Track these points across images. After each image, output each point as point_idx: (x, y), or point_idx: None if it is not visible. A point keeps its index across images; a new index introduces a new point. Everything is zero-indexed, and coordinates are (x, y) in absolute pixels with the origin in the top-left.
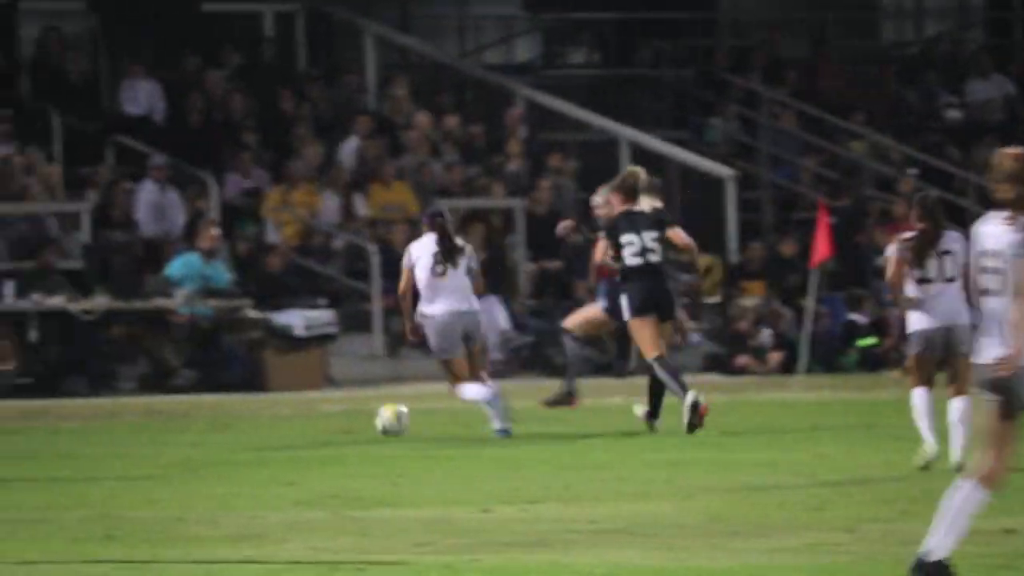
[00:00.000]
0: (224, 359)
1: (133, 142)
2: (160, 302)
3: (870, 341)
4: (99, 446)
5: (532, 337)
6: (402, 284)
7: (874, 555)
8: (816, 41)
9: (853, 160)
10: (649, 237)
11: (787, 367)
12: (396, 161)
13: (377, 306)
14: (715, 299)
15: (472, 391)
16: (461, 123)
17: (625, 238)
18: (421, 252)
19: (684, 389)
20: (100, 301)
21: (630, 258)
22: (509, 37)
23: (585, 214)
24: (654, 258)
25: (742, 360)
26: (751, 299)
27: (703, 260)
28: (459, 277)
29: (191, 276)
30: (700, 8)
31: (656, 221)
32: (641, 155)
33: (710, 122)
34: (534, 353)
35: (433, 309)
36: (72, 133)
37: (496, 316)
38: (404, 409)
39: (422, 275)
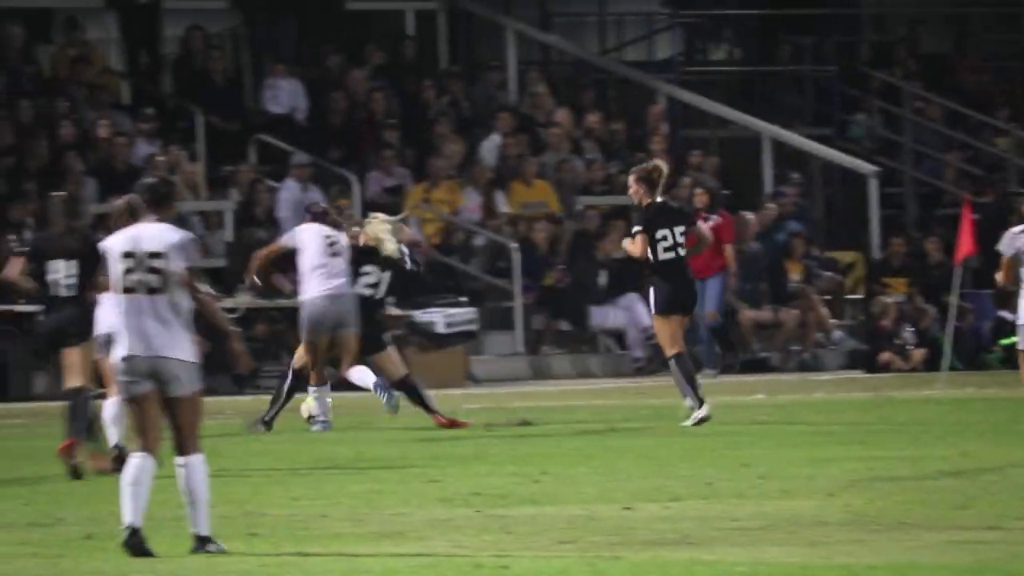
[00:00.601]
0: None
1: (275, 141)
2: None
3: (1013, 339)
4: (242, 443)
5: None
6: (270, 249)
7: (1019, 553)
8: (959, 36)
9: (997, 156)
10: (679, 231)
11: (931, 364)
12: (537, 158)
13: (518, 303)
14: (858, 296)
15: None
16: (602, 120)
17: (660, 232)
18: (312, 240)
19: (696, 394)
20: (243, 299)
21: (663, 253)
22: (650, 34)
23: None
24: (682, 252)
25: (885, 357)
26: (894, 296)
27: (847, 256)
28: (342, 265)
29: None
30: (842, 4)
31: (684, 215)
32: (783, 151)
33: (853, 118)
34: None
35: (314, 292)
36: (215, 132)
37: (638, 314)
38: (329, 400)
39: (313, 260)
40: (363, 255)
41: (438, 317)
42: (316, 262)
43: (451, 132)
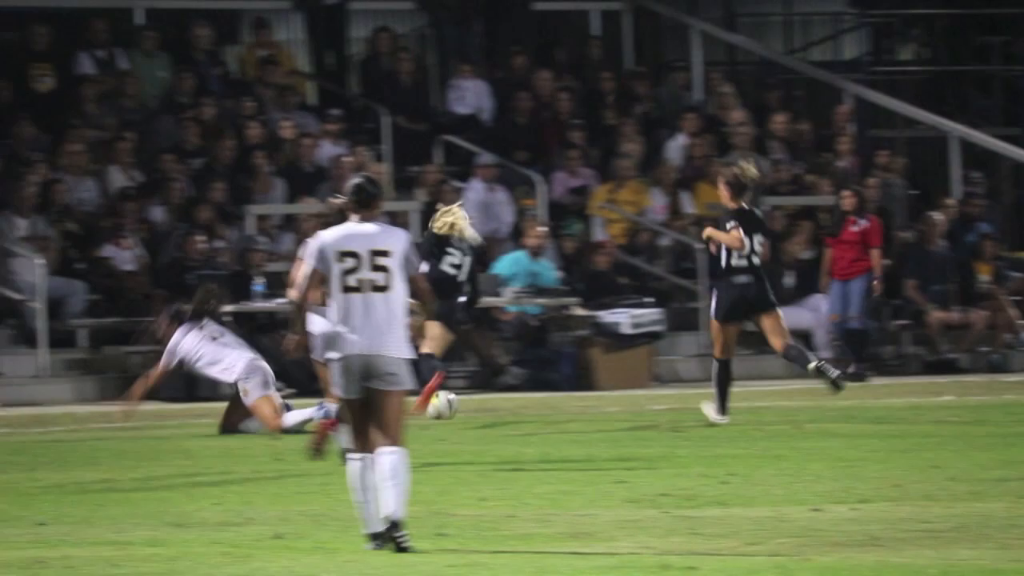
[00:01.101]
0: (552, 357)
1: (461, 141)
2: (489, 300)
3: None
4: (429, 443)
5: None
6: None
7: None
8: None
9: None
10: (757, 240)
11: None
12: (722, 159)
13: (704, 304)
14: None
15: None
16: (788, 121)
17: None
18: None
19: (723, 404)
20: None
21: (737, 258)
22: (837, 34)
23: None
24: (756, 260)
25: None
26: None
27: None
28: None
29: (519, 274)
30: None
31: (762, 224)
32: (971, 152)
33: None
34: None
35: None
36: (401, 132)
37: (825, 315)
38: (452, 396)
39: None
40: (443, 240)
41: (624, 318)
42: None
43: (635, 132)
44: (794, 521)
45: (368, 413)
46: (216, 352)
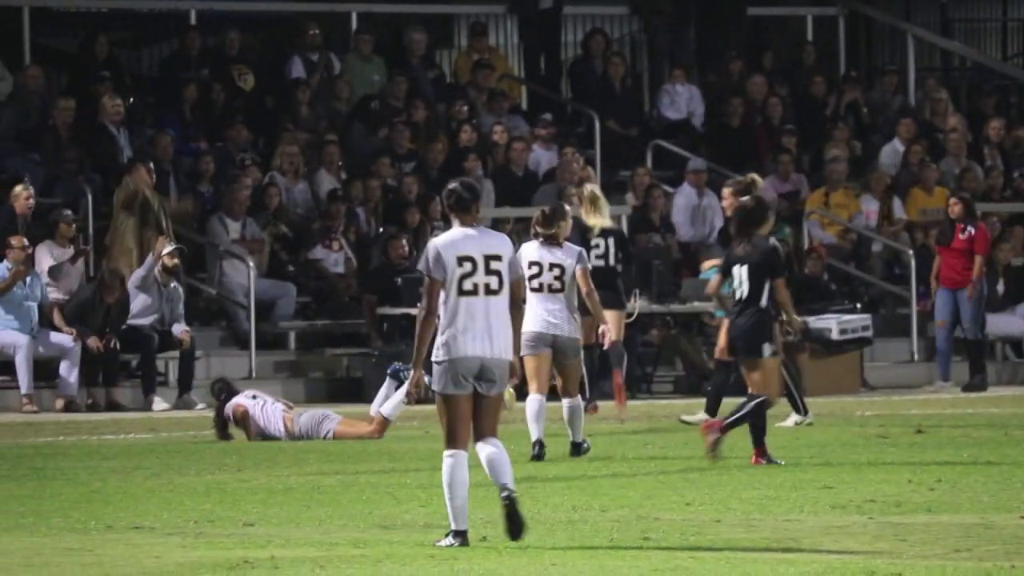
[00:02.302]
0: None
1: (672, 146)
2: (697, 305)
3: None
4: (635, 447)
5: None
6: None
7: None
8: None
9: None
10: None
11: None
12: (937, 165)
13: (914, 310)
14: None
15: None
16: (1003, 127)
17: None
18: None
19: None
20: (639, 304)
21: None
22: None
23: None
24: None
25: None
26: None
27: None
28: None
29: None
30: None
31: None
32: None
33: None
34: None
35: None
36: (612, 137)
37: None
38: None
39: None
40: (585, 232)
41: (832, 324)
42: None
43: (847, 138)
44: (1001, 528)
45: (467, 413)
46: None
